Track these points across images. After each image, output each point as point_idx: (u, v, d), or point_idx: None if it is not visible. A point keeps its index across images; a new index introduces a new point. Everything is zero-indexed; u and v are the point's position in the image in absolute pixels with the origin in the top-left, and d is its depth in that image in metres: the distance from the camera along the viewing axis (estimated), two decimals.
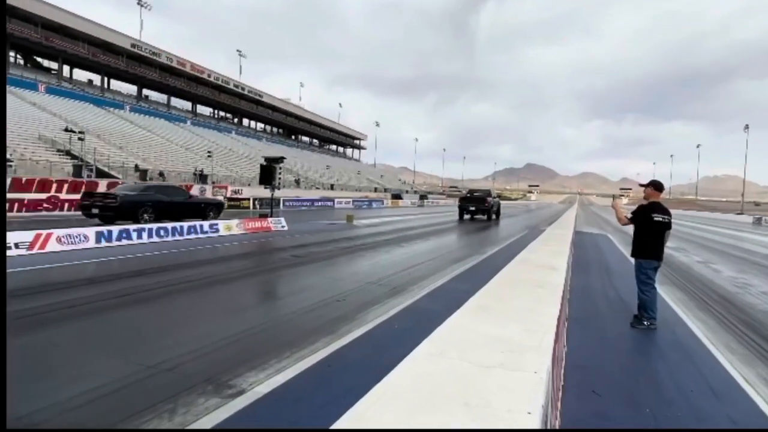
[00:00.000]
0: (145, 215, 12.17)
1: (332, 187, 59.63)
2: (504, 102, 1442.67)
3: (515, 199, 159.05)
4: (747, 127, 75.87)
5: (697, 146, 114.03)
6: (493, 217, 22.80)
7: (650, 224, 5.09)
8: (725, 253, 13.16)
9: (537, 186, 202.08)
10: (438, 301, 5.91)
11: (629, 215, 5.28)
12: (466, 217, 22.67)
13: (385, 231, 16.15)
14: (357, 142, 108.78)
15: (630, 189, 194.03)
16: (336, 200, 38.69)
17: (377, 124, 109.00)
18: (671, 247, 14.00)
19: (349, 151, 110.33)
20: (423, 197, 76.20)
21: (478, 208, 22.26)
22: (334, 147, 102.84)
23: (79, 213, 13.27)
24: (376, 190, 74.98)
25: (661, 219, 5.09)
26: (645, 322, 5.02)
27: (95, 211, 11.75)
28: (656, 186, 5.28)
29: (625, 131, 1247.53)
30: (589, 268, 8.86)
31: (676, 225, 29.71)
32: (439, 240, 13.85)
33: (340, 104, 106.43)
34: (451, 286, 6.90)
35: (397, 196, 70.71)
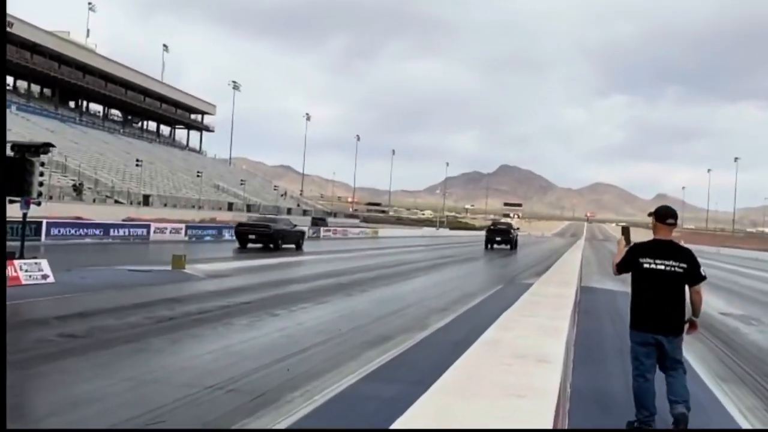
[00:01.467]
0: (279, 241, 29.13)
1: (147, 200, 58.37)
2: (466, 58, 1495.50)
3: (481, 228, 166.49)
4: None
5: None
6: (516, 247, 45.02)
7: (638, 274, 5.70)
8: None
9: (519, 206, 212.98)
10: (338, 424, 5.92)
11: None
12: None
13: (246, 287, 16.07)
14: (197, 118, 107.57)
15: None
16: (154, 226, 37.44)
17: (236, 88, 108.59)
18: (734, 314, 15.45)
19: (181, 133, 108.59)
20: (319, 221, 76.97)
21: (503, 239, 44.38)
22: (152, 125, 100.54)
23: None
24: (231, 207, 74.39)
25: (652, 266, 5.60)
26: (635, 423, 5.63)
27: (252, 237, 29.07)
28: (659, 215, 5.81)
29: (663, 116, 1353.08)
30: (603, 356, 9.41)
31: (744, 279, 32.97)
32: (348, 302, 14.12)
33: (165, 47, 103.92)
34: (363, 391, 6.95)
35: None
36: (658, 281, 5.58)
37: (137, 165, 60.73)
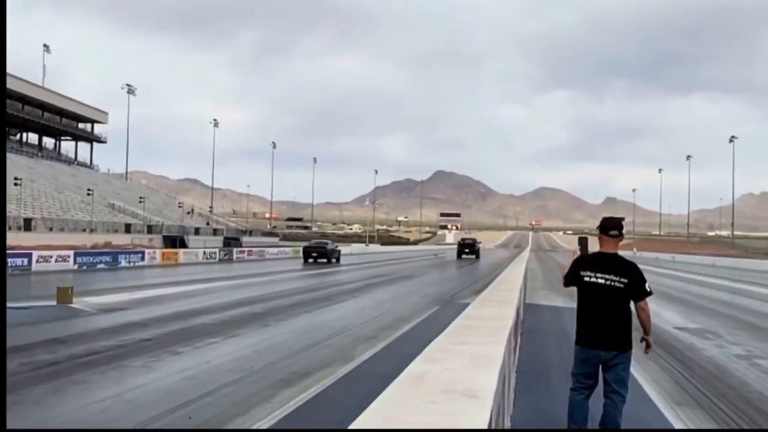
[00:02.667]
0: (331, 257, 51.43)
1: (28, 224, 56.54)
2: (392, 53, 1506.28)
3: (415, 243, 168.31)
4: None
5: (731, 140, 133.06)
6: (479, 257, 65.17)
7: (580, 288, 6.00)
8: None
9: (458, 216, 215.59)
10: None
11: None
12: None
13: (145, 321, 15.69)
14: (85, 127, 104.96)
15: (622, 219, 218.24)
16: (37, 254, 36.25)
17: (130, 92, 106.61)
18: (690, 329, 15.95)
19: (68, 145, 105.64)
20: (232, 241, 76.24)
21: (470, 250, 65.80)
22: (33, 137, 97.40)
23: None
24: (129, 228, 72.88)
25: (593, 280, 5.87)
26: None
27: (314, 254, 50.54)
28: (602, 227, 6.13)
29: (609, 112, 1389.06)
30: (549, 383, 9.51)
31: (700, 289, 34.17)
32: (263, 335, 13.95)
33: (46, 47, 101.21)
34: None
35: (174, 242, 69.52)
36: (598, 296, 5.83)
37: (16, 184, 58.86)
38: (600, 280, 5.81)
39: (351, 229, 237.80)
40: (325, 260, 50.43)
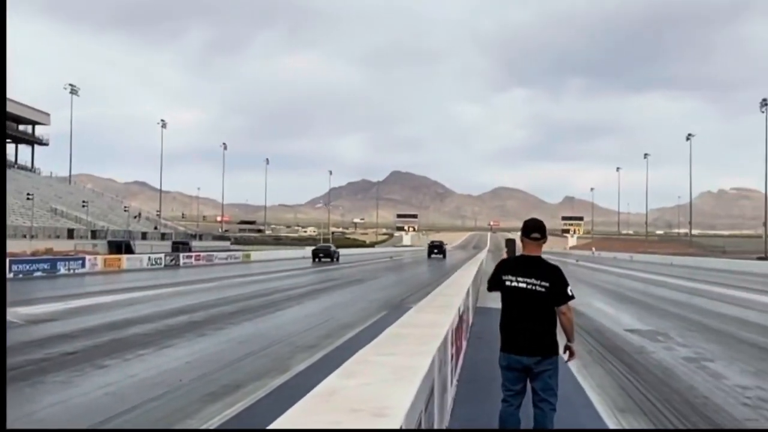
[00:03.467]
0: (334, 258, 66.34)
1: None
2: (347, 51, 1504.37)
3: (372, 245, 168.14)
4: (765, 103, 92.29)
5: (688, 137, 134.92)
6: (446, 256, 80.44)
7: (502, 292, 5.95)
8: (734, 338, 15.18)
9: (415, 218, 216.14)
10: None
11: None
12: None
13: (75, 332, 15.31)
14: (26, 129, 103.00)
15: (580, 219, 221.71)
16: None
17: (74, 92, 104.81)
18: (641, 331, 16.01)
19: (7, 148, 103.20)
20: (181, 246, 75.41)
21: (439, 251, 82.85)
22: None
23: None
24: (72, 234, 71.58)
25: (514, 284, 5.82)
26: None
27: (321, 255, 65.54)
28: (524, 229, 6.03)
29: (567, 111, 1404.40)
30: (490, 391, 9.33)
31: (657, 288, 34.55)
32: (198, 345, 13.63)
33: None
34: None
35: (119, 247, 68.41)
36: (519, 300, 5.77)
37: None
38: (521, 284, 5.76)
39: (306, 231, 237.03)
40: (329, 259, 64.56)
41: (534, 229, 5.92)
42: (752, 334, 15.68)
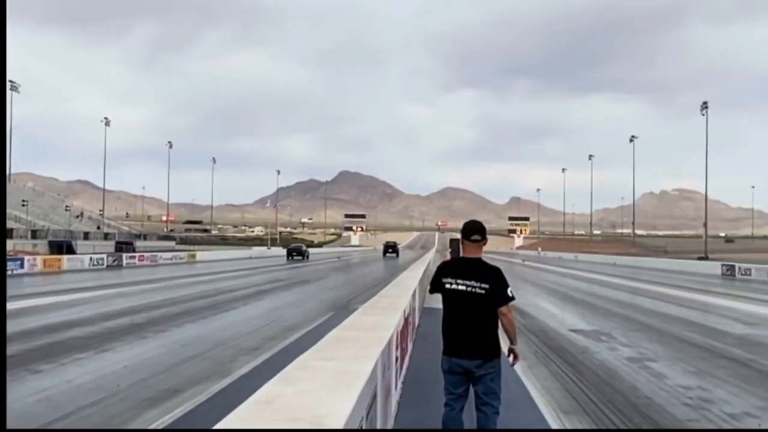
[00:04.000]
0: (306, 256, 75.74)
1: None
2: (296, 51, 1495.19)
3: (320, 245, 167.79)
4: (705, 106, 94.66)
5: (632, 139, 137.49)
6: (398, 255, 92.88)
7: (443, 295, 5.95)
8: (676, 338, 15.37)
9: (363, 218, 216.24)
10: None
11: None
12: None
13: (9, 336, 14.71)
14: None
15: (526, 219, 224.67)
16: None
17: (14, 88, 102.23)
18: (585, 331, 16.15)
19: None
20: (124, 246, 74.38)
21: (393, 250, 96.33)
22: None
23: None
24: (12, 233, 69.98)
25: (453, 286, 5.81)
26: None
27: (294, 254, 75.82)
28: (464, 231, 6.00)
29: (514, 111, 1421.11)
30: (435, 395, 9.30)
31: (600, 289, 34.97)
32: (139, 348, 13.35)
33: None
34: None
35: (60, 248, 67.04)
36: (459, 303, 5.75)
37: None
38: (461, 287, 5.73)
39: (253, 231, 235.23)
40: (300, 257, 72.43)
41: (474, 231, 5.89)
42: (693, 334, 15.93)
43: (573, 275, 46.17)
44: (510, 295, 5.75)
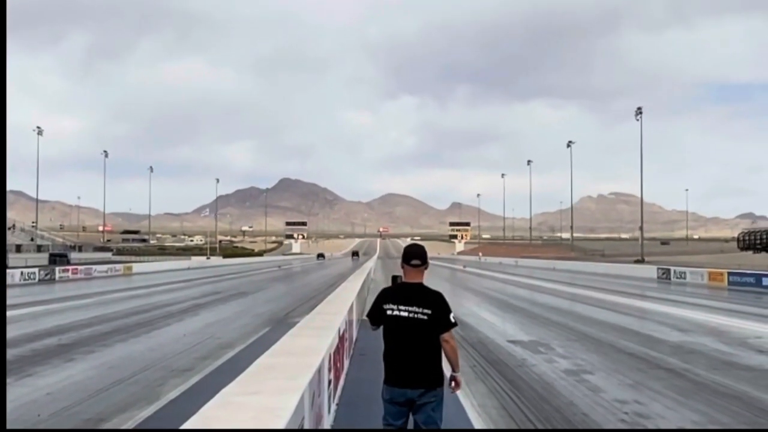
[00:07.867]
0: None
1: None
2: (235, 58, 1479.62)
3: (261, 254, 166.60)
4: (640, 111, 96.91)
5: (569, 144, 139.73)
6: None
7: (384, 322, 5.73)
8: (613, 347, 15.51)
9: (304, 225, 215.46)
10: None
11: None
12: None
13: None
14: None
15: (467, 224, 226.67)
16: None
17: None
18: (524, 342, 16.13)
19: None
20: (58, 258, 72.71)
21: (359, 255, 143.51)
22: None
23: None
24: None
25: (395, 313, 5.62)
26: None
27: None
28: (405, 255, 5.81)
29: (454, 118, 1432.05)
30: (371, 415, 9.11)
31: (539, 295, 35.18)
32: (63, 372, 12.83)
33: None
34: None
35: None
36: (401, 329, 5.55)
37: None
38: (403, 313, 5.54)
39: (192, 240, 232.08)
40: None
41: (414, 256, 5.70)
42: (630, 343, 16.02)
43: (513, 281, 46.55)
44: (453, 321, 5.60)
